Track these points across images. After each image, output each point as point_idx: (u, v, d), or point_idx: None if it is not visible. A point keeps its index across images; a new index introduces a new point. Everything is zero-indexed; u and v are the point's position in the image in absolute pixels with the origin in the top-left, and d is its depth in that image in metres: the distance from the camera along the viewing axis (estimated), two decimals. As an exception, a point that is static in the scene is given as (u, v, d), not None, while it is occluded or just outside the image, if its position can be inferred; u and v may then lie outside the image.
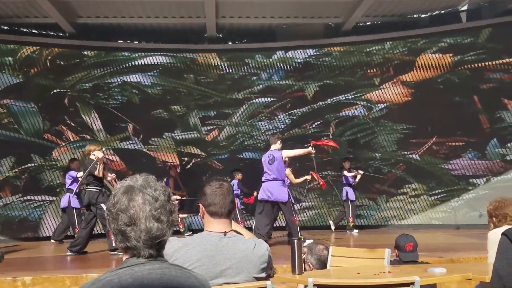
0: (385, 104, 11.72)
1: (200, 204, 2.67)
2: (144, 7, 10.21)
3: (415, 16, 11.51)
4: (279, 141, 8.05)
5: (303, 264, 3.13)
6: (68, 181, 9.50)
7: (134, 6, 10.16)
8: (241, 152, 12.13)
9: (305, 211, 11.81)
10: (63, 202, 9.51)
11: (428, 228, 10.94)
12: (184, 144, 11.98)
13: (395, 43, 11.63)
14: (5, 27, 11.06)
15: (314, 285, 2.61)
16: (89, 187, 7.51)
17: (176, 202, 8.47)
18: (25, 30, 11.31)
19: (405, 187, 11.52)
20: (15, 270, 5.15)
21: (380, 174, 11.50)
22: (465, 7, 11.28)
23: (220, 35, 11.92)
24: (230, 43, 12.26)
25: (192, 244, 2.55)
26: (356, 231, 10.48)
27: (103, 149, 8.69)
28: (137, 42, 12.02)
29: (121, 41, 11.92)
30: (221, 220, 2.60)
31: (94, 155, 7.47)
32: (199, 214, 2.72)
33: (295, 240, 3.03)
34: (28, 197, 10.75)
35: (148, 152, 11.79)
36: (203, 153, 12.07)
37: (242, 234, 2.75)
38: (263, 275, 2.65)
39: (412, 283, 2.42)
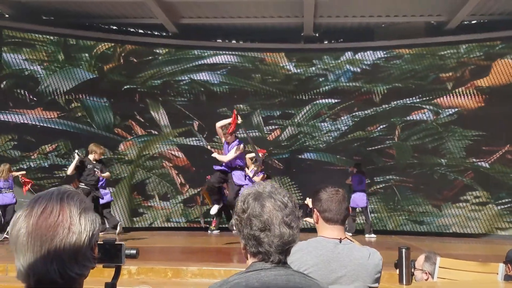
0: (455, 109, 11.36)
1: (315, 210, 2.68)
2: (244, 7, 10.41)
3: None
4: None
5: (413, 271, 3.07)
6: None
7: (234, 6, 10.38)
8: (302, 153, 12.10)
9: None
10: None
11: (492, 238, 10.57)
12: (245, 142, 12.04)
13: (471, 46, 11.25)
14: (114, 27, 11.62)
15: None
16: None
17: None
18: (131, 30, 11.87)
19: (468, 195, 11.15)
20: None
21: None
22: None
23: (317, 35, 11.88)
24: (326, 42, 12.20)
25: (308, 248, 2.57)
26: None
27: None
28: (234, 41, 12.28)
29: (220, 40, 12.20)
30: (335, 227, 2.60)
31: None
32: (314, 219, 2.73)
33: (403, 249, 2.98)
34: (97, 188, 11.14)
35: (211, 149, 11.94)
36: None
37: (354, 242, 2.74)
38: (376, 285, 2.63)
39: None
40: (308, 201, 3.40)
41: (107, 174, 8.72)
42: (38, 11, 10.79)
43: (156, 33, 11.87)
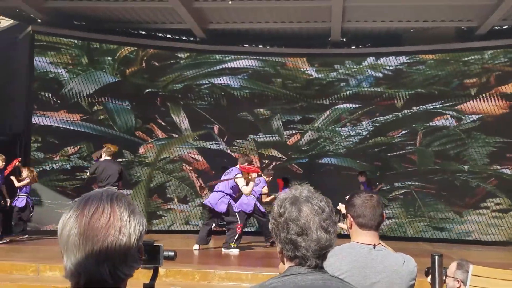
0: (479, 116, 11.22)
1: (348, 215, 2.67)
2: (272, 12, 10.44)
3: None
4: (246, 163, 8.47)
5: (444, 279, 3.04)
6: None
7: (262, 12, 10.41)
8: (321, 157, 12.07)
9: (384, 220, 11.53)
10: None
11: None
12: (265, 146, 12.08)
13: (496, 52, 11.11)
14: (143, 32, 11.83)
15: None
16: None
17: None
18: (160, 35, 12.07)
19: (490, 202, 11.00)
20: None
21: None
22: None
23: (344, 40, 11.85)
24: (354, 47, 12.16)
25: (342, 254, 2.56)
26: None
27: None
28: (261, 46, 12.38)
29: (247, 45, 12.29)
30: (370, 232, 2.60)
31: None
32: (347, 225, 2.72)
33: (436, 256, 2.94)
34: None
35: (230, 153, 11.98)
36: (283, 157, 12.12)
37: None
38: (411, 292, 2.61)
39: None
40: (341, 207, 3.39)
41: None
42: (70, 16, 11.00)
43: (184, 38, 11.99)
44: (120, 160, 11.19)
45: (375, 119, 11.82)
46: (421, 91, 11.54)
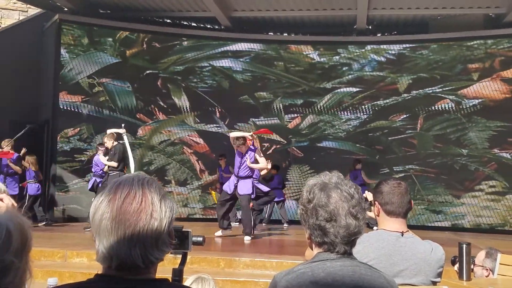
0: (480, 100, 11.25)
1: (376, 202, 2.68)
2: (297, 0, 10.32)
3: None
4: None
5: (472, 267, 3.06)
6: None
7: None
8: (321, 141, 12.08)
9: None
10: None
11: None
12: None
13: (499, 38, 11.09)
14: (168, 20, 11.77)
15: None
16: None
17: None
18: (184, 23, 12.03)
19: (488, 185, 11.08)
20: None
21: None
22: None
23: (370, 27, 11.76)
24: (380, 35, 12.07)
25: (370, 241, 2.57)
26: None
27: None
28: (286, 34, 12.33)
29: (271, 33, 12.25)
30: (397, 220, 2.61)
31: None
32: (374, 212, 2.72)
33: (464, 245, 2.96)
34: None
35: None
36: (283, 140, 12.11)
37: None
38: (439, 279, 2.63)
39: None
40: (367, 194, 3.39)
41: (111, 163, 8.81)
42: (96, 5, 10.98)
43: (208, 26, 11.98)
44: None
45: (375, 102, 11.81)
46: (423, 75, 11.53)
